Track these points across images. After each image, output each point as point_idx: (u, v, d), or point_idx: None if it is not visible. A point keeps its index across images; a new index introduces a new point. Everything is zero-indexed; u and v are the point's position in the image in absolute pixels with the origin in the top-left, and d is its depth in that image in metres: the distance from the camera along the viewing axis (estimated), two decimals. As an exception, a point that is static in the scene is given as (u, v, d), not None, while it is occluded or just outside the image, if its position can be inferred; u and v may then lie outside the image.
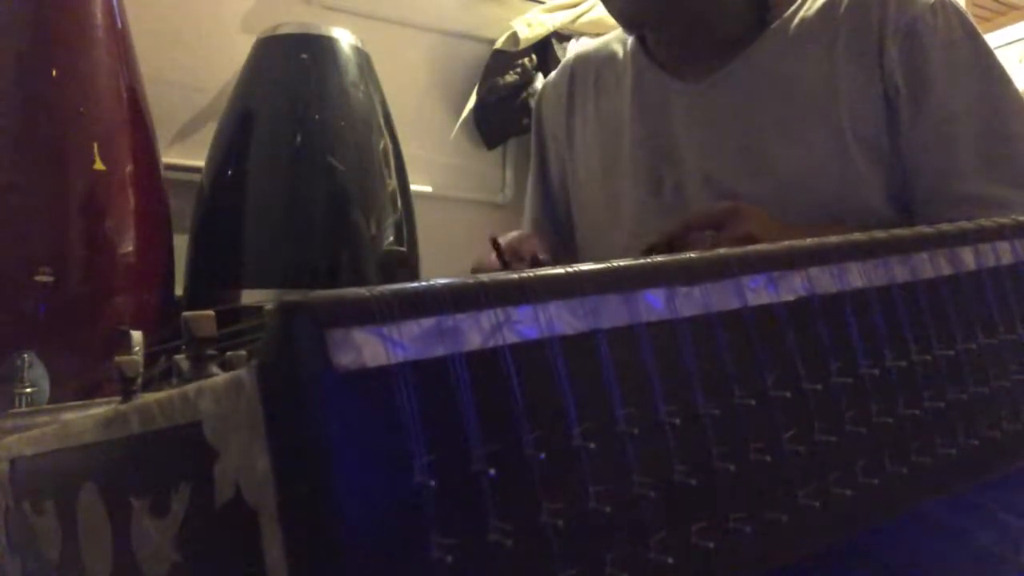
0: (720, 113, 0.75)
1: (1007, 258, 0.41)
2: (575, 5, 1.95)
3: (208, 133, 1.45)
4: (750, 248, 0.32)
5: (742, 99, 0.74)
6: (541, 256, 0.72)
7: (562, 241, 0.90)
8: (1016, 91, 0.71)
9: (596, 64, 0.87)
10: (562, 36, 1.96)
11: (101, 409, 0.35)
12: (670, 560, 0.25)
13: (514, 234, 0.78)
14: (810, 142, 0.70)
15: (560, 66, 0.93)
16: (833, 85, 0.70)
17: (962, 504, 0.47)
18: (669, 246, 0.61)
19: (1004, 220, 0.43)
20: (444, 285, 0.24)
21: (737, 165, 0.73)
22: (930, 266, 0.37)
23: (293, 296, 0.22)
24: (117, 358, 0.46)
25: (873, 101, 0.69)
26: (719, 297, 0.29)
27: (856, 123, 0.69)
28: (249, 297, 1.25)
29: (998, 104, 0.69)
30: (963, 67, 0.69)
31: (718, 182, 0.73)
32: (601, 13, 1.92)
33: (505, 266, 0.70)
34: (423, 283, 0.23)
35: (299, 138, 1.32)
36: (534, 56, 1.92)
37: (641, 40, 0.82)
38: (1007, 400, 0.38)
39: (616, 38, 0.87)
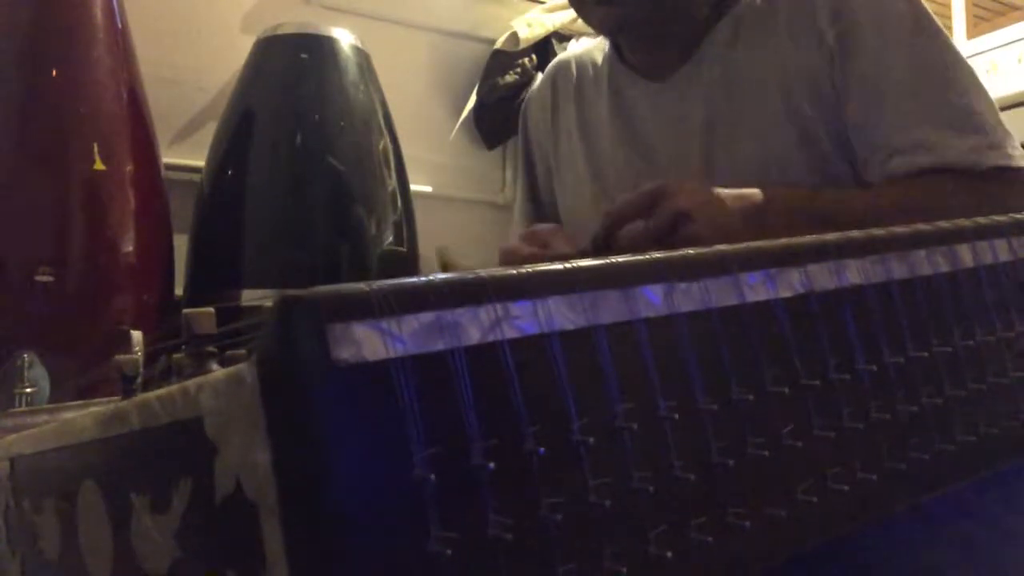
0: (683, 108, 0.77)
1: (1005, 255, 0.41)
2: (575, 5, 1.95)
3: (208, 133, 1.45)
4: (748, 245, 0.32)
5: (701, 92, 0.75)
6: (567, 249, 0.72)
7: None
8: (949, 42, 0.70)
9: (578, 70, 0.89)
10: (562, 36, 1.96)
11: (101, 408, 0.35)
12: (669, 555, 0.25)
13: (544, 227, 0.79)
14: (768, 125, 0.71)
15: (543, 75, 0.96)
16: (781, 66, 0.71)
17: (962, 502, 0.47)
18: (600, 249, 0.61)
19: (1001, 218, 0.43)
20: (443, 280, 0.24)
21: (703, 156, 0.74)
22: (928, 263, 0.37)
23: (293, 291, 0.22)
24: (117, 357, 0.46)
25: (820, 73, 0.70)
26: (717, 293, 0.29)
27: (808, 98, 0.70)
28: (249, 297, 1.25)
29: (931, 54, 0.69)
30: (894, 22, 0.69)
31: (688, 175, 0.75)
32: (601, 13, 1.92)
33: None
34: (422, 278, 0.24)
35: (299, 138, 1.32)
36: (534, 56, 1.92)
37: (616, 46, 0.85)
38: (1005, 397, 0.38)
39: (596, 46, 0.90)
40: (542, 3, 2.00)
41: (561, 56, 0.95)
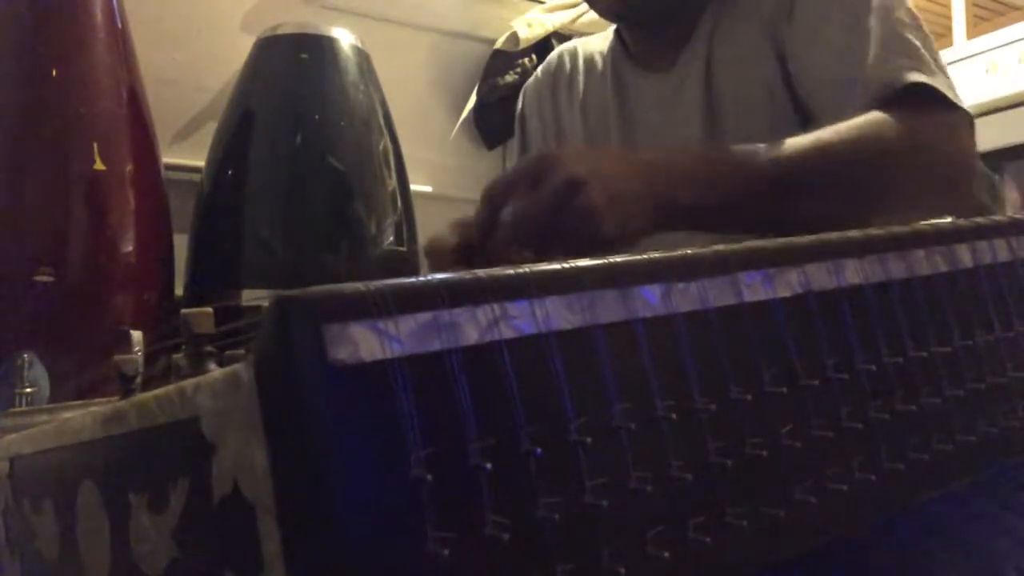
0: (682, 95, 0.78)
1: (1004, 255, 0.41)
2: (575, 5, 1.95)
3: (208, 133, 1.45)
4: (746, 244, 0.32)
5: (697, 78, 0.76)
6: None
7: None
8: None
9: (583, 60, 0.90)
10: (562, 36, 1.96)
11: (100, 408, 0.35)
12: (667, 555, 0.25)
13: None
14: (758, 104, 0.72)
15: (544, 63, 0.96)
16: (759, 45, 0.72)
17: (960, 502, 0.47)
18: (485, 235, 0.54)
19: (1001, 218, 0.43)
20: (440, 280, 0.24)
21: (706, 138, 0.75)
22: (927, 263, 0.37)
23: (290, 291, 0.22)
24: (116, 357, 0.46)
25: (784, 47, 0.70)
26: (716, 293, 0.29)
27: (784, 72, 0.70)
28: (249, 297, 1.26)
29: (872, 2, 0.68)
30: None
31: None
32: (601, 13, 1.92)
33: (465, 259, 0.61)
34: (419, 278, 0.24)
35: (299, 138, 1.32)
36: (534, 56, 1.92)
37: (620, 38, 0.86)
38: (1004, 396, 0.38)
39: (601, 37, 0.91)
40: (542, 3, 2.00)
41: (565, 45, 0.95)
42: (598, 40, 0.91)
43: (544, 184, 0.52)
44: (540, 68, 0.96)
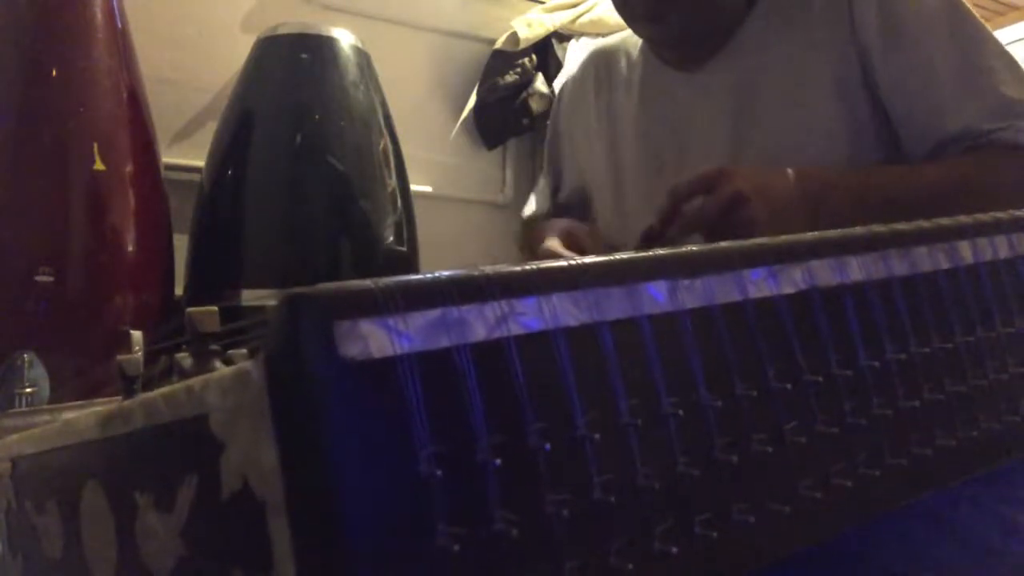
0: (714, 94, 0.79)
1: (1004, 252, 0.41)
2: (575, 5, 1.96)
3: (208, 133, 1.45)
4: (751, 241, 0.32)
5: (732, 78, 0.78)
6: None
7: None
8: (985, 30, 0.74)
9: (610, 60, 0.92)
10: (562, 36, 1.97)
11: (103, 407, 0.35)
12: (674, 550, 0.25)
13: (578, 226, 0.80)
14: (800, 109, 0.74)
15: (579, 63, 0.99)
16: (814, 51, 0.74)
17: (962, 499, 0.47)
18: (664, 224, 0.62)
19: (1001, 215, 0.43)
20: (448, 277, 0.24)
21: (733, 138, 0.76)
22: (928, 260, 0.37)
23: (299, 288, 0.22)
24: (119, 356, 0.46)
25: (854, 63, 0.72)
26: (721, 290, 0.29)
27: (839, 85, 0.72)
28: (249, 297, 1.26)
29: (972, 44, 0.72)
30: (932, 12, 0.72)
31: (717, 156, 0.77)
32: (601, 13, 1.93)
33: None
34: (427, 275, 0.24)
35: (299, 138, 1.32)
36: (534, 56, 1.92)
37: (648, 41, 0.87)
38: (1006, 393, 0.38)
39: (631, 38, 0.92)
40: (542, 3, 2.00)
41: (598, 44, 0.97)
42: (630, 41, 0.92)
43: (716, 193, 0.60)
44: (578, 68, 0.98)
